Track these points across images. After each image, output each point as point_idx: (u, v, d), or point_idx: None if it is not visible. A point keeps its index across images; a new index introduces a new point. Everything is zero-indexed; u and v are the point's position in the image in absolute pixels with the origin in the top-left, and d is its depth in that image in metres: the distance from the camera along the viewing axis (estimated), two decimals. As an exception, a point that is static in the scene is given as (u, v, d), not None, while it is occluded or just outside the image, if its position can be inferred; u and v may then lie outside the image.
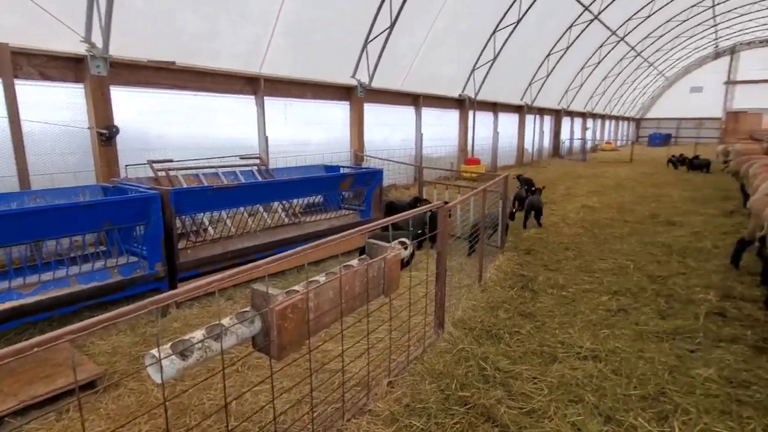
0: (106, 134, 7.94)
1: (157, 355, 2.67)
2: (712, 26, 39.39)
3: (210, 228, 6.98)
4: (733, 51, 49.93)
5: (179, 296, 2.68)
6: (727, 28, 41.36)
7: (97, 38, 7.74)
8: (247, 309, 3.20)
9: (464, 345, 4.90)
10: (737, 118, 50.74)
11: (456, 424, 3.77)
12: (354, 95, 14.17)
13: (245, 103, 11.31)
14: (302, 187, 7.47)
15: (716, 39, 45.94)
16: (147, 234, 5.78)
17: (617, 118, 47.60)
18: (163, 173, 7.56)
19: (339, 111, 14.24)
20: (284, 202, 7.98)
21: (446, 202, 5.00)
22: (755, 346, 4.92)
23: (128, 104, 8.92)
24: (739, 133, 47.52)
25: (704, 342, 5.02)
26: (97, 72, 7.85)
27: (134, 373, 4.41)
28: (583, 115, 37.69)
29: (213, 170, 8.32)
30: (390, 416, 3.81)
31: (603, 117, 42.63)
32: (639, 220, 11.30)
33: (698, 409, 3.89)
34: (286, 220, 7.76)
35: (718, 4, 33.20)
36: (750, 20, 39.17)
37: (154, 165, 7.58)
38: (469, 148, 21.24)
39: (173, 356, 2.69)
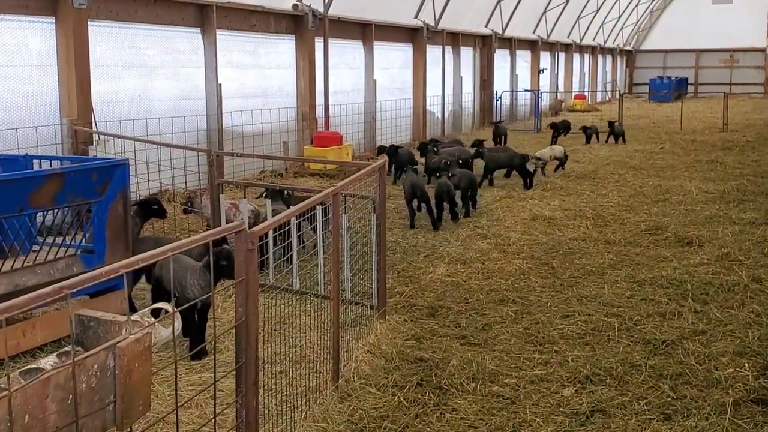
0: None
1: None
2: None
3: None
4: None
5: None
6: None
7: None
8: None
9: None
10: (789, 51, 59.12)
11: None
12: (64, 1, 13.69)
13: None
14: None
15: None
16: None
17: (594, 51, 52.51)
18: None
19: (32, 37, 13.69)
20: None
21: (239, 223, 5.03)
22: (814, 452, 5.70)
23: None
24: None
25: (734, 455, 5.68)
26: None
27: None
28: (533, 46, 40.98)
29: None
30: None
31: (568, 49, 46.73)
32: (630, 239, 12.49)
33: None
34: None
35: None
36: None
37: None
38: (320, 113, 21.72)
39: None
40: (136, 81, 16.14)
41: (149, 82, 16.47)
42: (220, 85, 17.79)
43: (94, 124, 14.29)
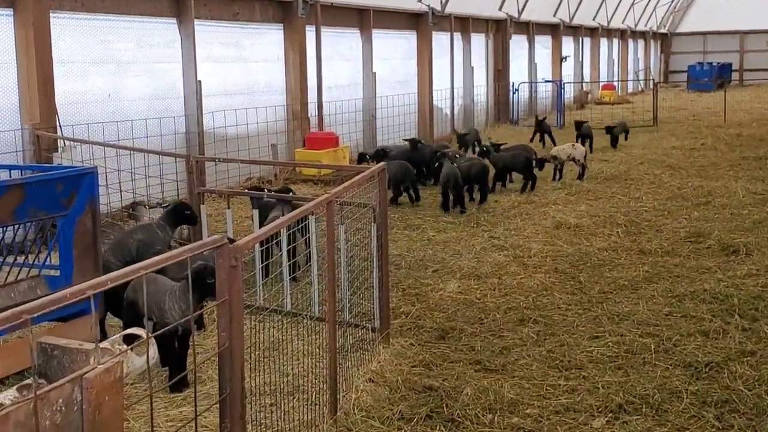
0: None
1: None
2: None
3: None
4: None
5: None
6: None
7: None
8: None
9: None
10: None
11: None
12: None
13: None
14: None
15: None
16: None
17: (624, 35, 52.48)
18: None
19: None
20: None
21: (231, 240, 5.06)
22: None
23: None
24: None
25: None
26: None
27: None
28: (554, 31, 40.97)
29: None
30: None
31: (594, 33, 46.73)
32: (668, 249, 12.48)
33: None
34: None
35: None
36: None
37: None
38: (312, 111, 21.71)
39: None
40: (106, 79, 16.15)
41: (120, 80, 16.48)
42: (200, 81, 17.81)
43: (58, 128, 14.29)
